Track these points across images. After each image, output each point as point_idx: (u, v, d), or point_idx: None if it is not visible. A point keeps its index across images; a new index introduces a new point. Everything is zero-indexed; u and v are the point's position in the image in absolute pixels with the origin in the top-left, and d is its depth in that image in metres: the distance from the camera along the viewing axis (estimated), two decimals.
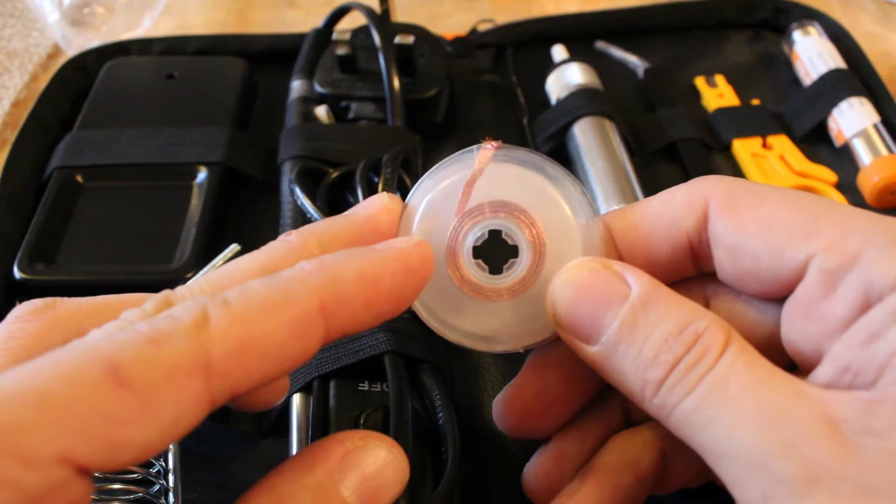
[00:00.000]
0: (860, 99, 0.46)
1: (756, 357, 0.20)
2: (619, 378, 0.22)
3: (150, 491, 0.29)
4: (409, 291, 0.22)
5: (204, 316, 0.18)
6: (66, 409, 0.16)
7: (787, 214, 0.21)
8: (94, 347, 0.17)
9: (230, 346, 0.18)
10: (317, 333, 0.19)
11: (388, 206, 0.25)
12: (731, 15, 0.57)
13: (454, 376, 0.35)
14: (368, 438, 0.21)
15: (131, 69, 0.52)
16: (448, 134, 0.48)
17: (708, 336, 0.20)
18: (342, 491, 0.20)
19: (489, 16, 0.58)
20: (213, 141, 0.45)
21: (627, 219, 0.25)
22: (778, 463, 0.18)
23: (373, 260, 0.21)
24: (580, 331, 0.22)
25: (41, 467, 0.16)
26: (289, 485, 0.20)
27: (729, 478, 0.19)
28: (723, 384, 0.19)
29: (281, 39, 0.55)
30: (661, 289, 0.22)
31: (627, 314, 0.21)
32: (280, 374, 0.19)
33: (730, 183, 0.23)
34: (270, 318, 0.19)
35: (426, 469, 0.32)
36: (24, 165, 0.45)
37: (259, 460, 0.33)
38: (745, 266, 0.23)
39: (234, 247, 0.38)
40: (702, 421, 0.19)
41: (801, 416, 0.18)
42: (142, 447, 0.17)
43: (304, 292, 0.19)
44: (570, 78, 0.49)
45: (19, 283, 0.38)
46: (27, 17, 0.64)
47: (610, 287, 0.22)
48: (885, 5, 0.61)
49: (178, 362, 0.17)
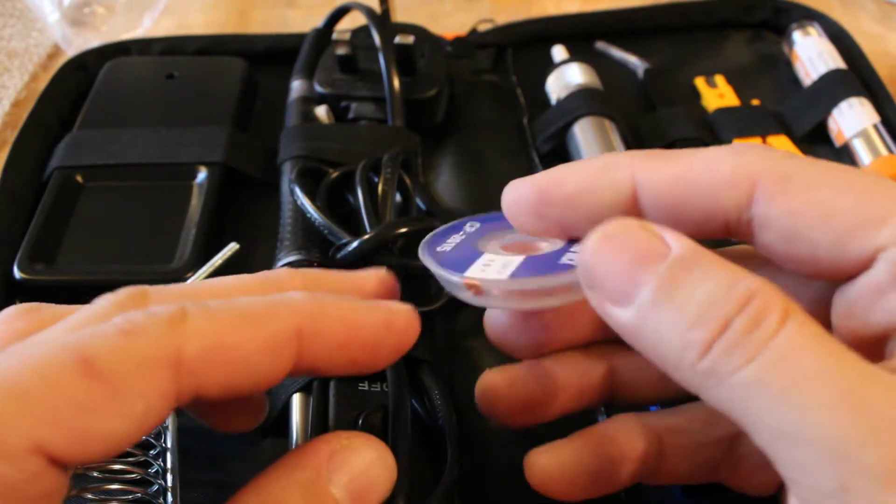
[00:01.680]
0: (860, 99, 0.46)
1: (824, 332, 0.18)
2: (654, 346, 0.19)
3: (149, 491, 0.29)
4: (387, 350, 0.22)
5: (182, 314, 0.18)
6: (37, 398, 0.16)
7: (850, 200, 0.19)
8: (65, 338, 0.17)
9: (201, 345, 0.18)
10: (287, 357, 0.20)
11: (382, 276, 0.25)
12: (731, 15, 0.57)
13: (454, 376, 0.35)
14: (354, 438, 0.21)
15: (131, 69, 0.52)
16: (448, 134, 0.48)
17: (763, 297, 0.18)
18: (331, 489, 0.20)
19: (489, 16, 0.58)
20: (213, 141, 0.45)
21: (660, 175, 0.22)
22: (864, 451, 0.16)
23: (359, 307, 0.21)
24: (613, 292, 0.20)
25: (14, 458, 0.16)
26: (278, 483, 0.20)
27: (795, 462, 0.17)
28: (793, 357, 0.17)
29: (281, 39, 0.55)
30: (704, 251, 0.20)
31: (666, 273, 0.19)
32: (244, 388, 0.19)
33: (780, 160, 0.20)
34: (246, 329, 0.19)
35: (426, 469, 0.32)
36: (24, 165, 0.45)
37: (259, 460, 0.32)
38: (799, 252, 0.20)
39: (232, 245, 0.38)
40: (767, 398, 0.17)
41: (887, 402, 0.17)
42: (112, 438, 0.17)
43: (286, 314, 0.20)
44: (570, 78, 0.49)
45: (19, 283, 0.38)
46: (27, 17, 0.64)
47: (648, 245, 0.19)
48: (885, 5, 0.61)
49: (149, 354, 0.18)
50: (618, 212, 0.22)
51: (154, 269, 0.39)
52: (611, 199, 0.22)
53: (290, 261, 0.37)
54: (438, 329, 0.37)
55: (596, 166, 0.23)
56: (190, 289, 0.22)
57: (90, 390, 0.17)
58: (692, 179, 0.21)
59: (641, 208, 0.22)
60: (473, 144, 0.48)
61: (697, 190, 0.21)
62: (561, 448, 0.26)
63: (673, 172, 0.21)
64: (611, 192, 0.22)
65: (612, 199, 0.22)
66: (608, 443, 0.25)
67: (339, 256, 0.37)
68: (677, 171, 0.21)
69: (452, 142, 0.48)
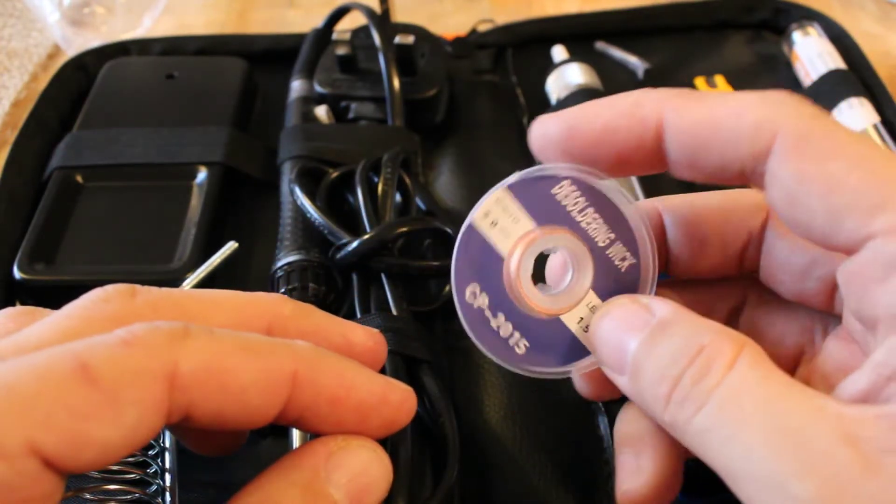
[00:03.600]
0: (860, 99, 0.46)
1: (771, 369, 0.19)
2: (642, 404, 0.22)
3: (147, 491, 0.29)
4: (378, 421, 0.22)
5: (184, 332, 0.19)
6: (32, 400, 0.16)
7: (857, 178, 0.19)
8: (66, 346, 0.18)
9: (198, 365, 0.19)
10: (278, 397, 0.20)
11: (373, 334, 0.25)
12: (731, 15, 0.57)
13: (454, 376, 0.35)
14: (351, 439, 0.22)
15: (131, 69, 0.52)
16: (448, 134, 0.48)
17: (712, 348, 0.20)
18: (330, 490, 0.20)
19: (489, 16, 0.58)
20: (213, 141, 0.45)
21: (687, 116, 0.22)
22: (795, 484, 0.17)
23: (358, 369, 0.22)
24: (613, 363, 0.22)
25: (11, 457, 0.16)
26: (277, 484, 0.20)
27: (747, 499, 0.18)
28: (735, 400, 0.19)
29: (281, 39, 0.55)
30: (683, 312, 0.21)
31: (646, 337, 0.21)
32: (232, 420, 0.20)
33: (805, 119, 0.20)
34: (245, 359, 0.19)
35: (426, 469, 0.32)
36: (24, 165, 0.45)
37: (258, 460, 0.33)
38: (797, 216, 0.20)
39: (231, 244, 0.38)
40: (717, 441, 0.19)
41: (819, 433, 0.17)
42: (104, 447, 0.17)
43: (285, 354, 0.20)
44: (570, 78, 0.49)
45: (19, 283, 0.38)
46: (27, 17, 0.64)
47: (636, 317, 0.22)
48: (885, 5, 0.61)
49: (146, 365, 0.18)
50: (643, 149, 0.22)
51: (154, 269, 0.39)
52: (637, 137, 0.22)
53: (290, 261, 0.37)
54: (438, 329, 0.37)
55: (627, 102, 0.23)
56: (178, 293, 0.22)
57: (86, 396, 0.17)
58: (717, 123, 0.21)
59: (665, 148, 0.22)
60: (473, 144, 0.48)
61: (720, 134, 0.21)
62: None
63: (700, 114, 0.21)
64: (638, 130, 0.22)
65: (638, 137, 0.22)
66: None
67: (339, 256, 0.37)
68: (704, 114, 0.21)
69: (452, 142, 0.48)
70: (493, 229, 0.24)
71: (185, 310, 0.22)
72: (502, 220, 0.24)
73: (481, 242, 0.24)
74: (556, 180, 0.24)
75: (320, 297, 0.37)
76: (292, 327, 0.23)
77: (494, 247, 0.24)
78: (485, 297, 0.24)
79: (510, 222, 0.24)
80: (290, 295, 0.36)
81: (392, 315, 0.35)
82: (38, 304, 0.25)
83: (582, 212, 0.24)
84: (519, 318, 0.24)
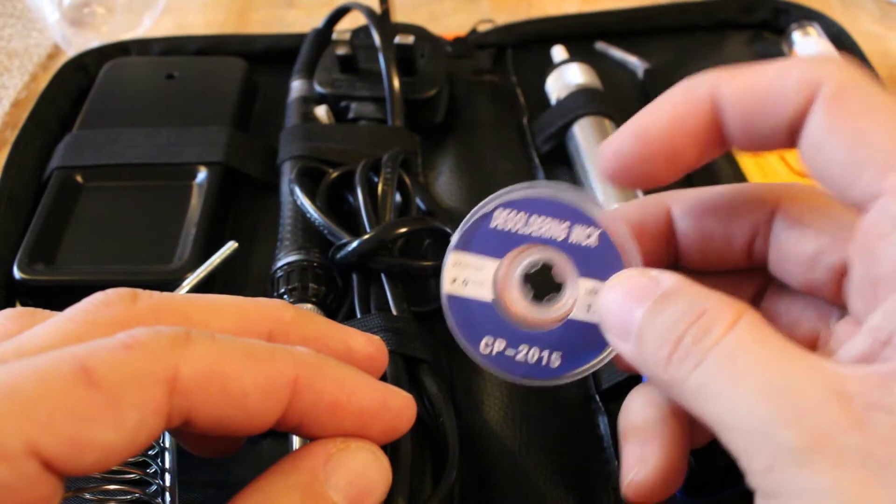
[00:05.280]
0: None
1: (769, 333, 0.20)
2: (644, 368, 0.22)
3: (147, 491, 0.29)
4: (378, 427, 0.22)
5: (186, 337, 0.19)
6: (34, 402, 0.16)
7: (881, 136, 0.20)
8: (68, 349, 0.18)
9: (199, 369, 0.19)
10: (279, 403, 0.20)
11: (374, 341, 0.25)
12: (731, 15, 0.57)
13: (454, 376, 0.35)
14: (349, 441, 0.22)
15: (131, 69, 0.52)
16: (448, 134, 0.48)
17: (713, 312, 0.20)
18: (329, 491, 0.20)
19: (489, 16, 0.58)
20: (213, 141, 0.45)
21: (737, 83, 0.23)
22: (782, 432, 0.17)
23: (358, 376, 0.22)
24: (618, 330, 0.23)
25: (11, 459, 0.16)
26: (276, 486, 0.20)
27: (736, 450, 0.19)
28: (731, 358, 0.19)
29: (281, 39, 0.55)
30: (688, 282, 0.22)
31: (651, 305, 0.22)
32: (232, 426, 0.20)
33: (847, 75, 0.21)
34: (246, 364, 0.20)
35: (426, 469, 0.32)
36: (24, 165, 0.45)
37: (258, 460, 0.33)
38: (820, 164, 0.21)
39: (231, 244, 0.38)
40: (711, 395, 0.19)
41: (809, 387, 0.18)
42: (104, 450, 0.17)
43: (286, 360, 0.20)
44: (570, 78, 0.49)
45: (19, 283, 0.38)
46: (27, 17, 0.64)
47: (644, 287, 0.22)
48: (885, 5, 0.61)
49: (147, 369, 0.18)
50: (707, 129, 0.23)
51: (154, 269, 0.39)
52: (701, 117, 0.23)
53: (290, 261, 0.37)
54: (438, 329, 0.37)
55: (680, 91, 0.23)
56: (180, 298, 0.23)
57: (87, 399, 0.17)
58: (767, 83, 0.22)
59: (723, 120, 0.23)
60: (473, 144, 0.48)
61: (769, 96, 0.22)
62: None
63: (751, 79, 0.23)
64: (700, 110, 0.23)
65: (701, 116, 0.23)
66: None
67: (339, 256, 0.37)
68: (754, 78, 0.23)
69: (452, 142, 0.48)
70: (467, 287, 0.25)
71: (187, 315, 0.22)
72: (469, 275, 0.25)
73: (464, 303, 0.25)
74: (488, 216, 0.25)
75: (320, 297, 0.37)
76: (293, 333, 0.23)
77: (478, 299, 0.25)
78: (500, 342, 0.25)
79: (476, 273, 0.25)
80: (290, 295, 0.36)
81: (392, 315, 0.35)
82: (38, 304, 0.25)
83: (528, 224, 0.25)
84: (539, 338, 0.25)
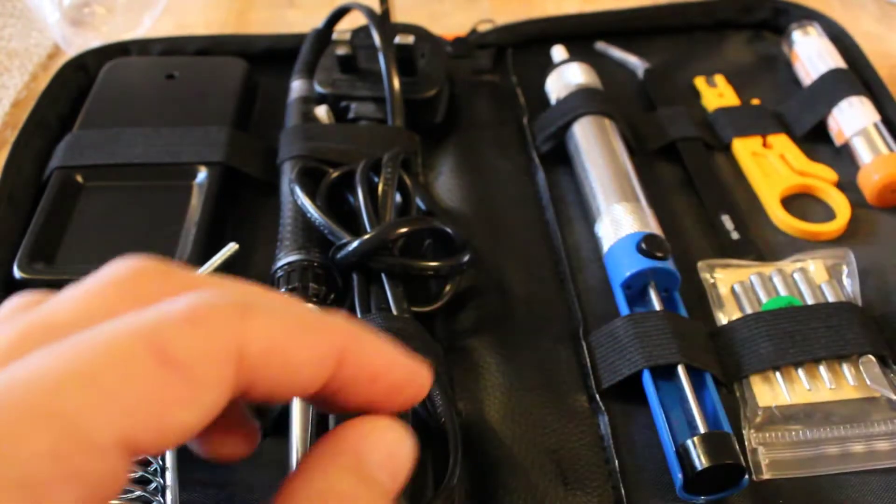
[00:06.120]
0: (860, 98, 0.46)
1: None
2: None
3: (148, 488, 0.29)
4: (403, 398, 0.22)
5: (246, 308, 0.18)
6: (119, 390, 0.16)
7: None
8: (133, 325, 0.17)
9: (263, 344, 0.18)
10: (326, 372, 0.20)
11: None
12: (731, 15, 0.57)
13: (454, 376, 0.35)
14: (376, 420, 0.21)
15: (131, 69, 0.52)
16: (448, 134, 0.48)
17: None
18: (374, 471, 0.20)
19: (489, 16, 0.58)
20: (213, 141, 0.45)
21: None
22: None
23: (395, 349, 0.22)
24: None
25: (104, 452, 0.15)
26: (327, 472, 0.20)
27: None
28: None
29: (281, 39, 0.55)
30: None
31: None
32: (279, 393, 0.19)
33: None
34: (302, 336, 0.19)
35: (427, 469, 0.32)
36: (24, 165, 0.45)
37: (258, 460, 0.33)
38: None
39: (231, 245, 0.38)
40: None
41: None
42: (184, 431, 0.17)
43: (336, 330, 0.20)
44: (570, 78, 0.49)
45: (19, 283, 0.38)
46: (27, 17, 0.64)
47: None
48: (885, 5, 0.61)
49: (220, 346, 0.17)
50: None
51: None
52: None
53: (291, 260, 0.37)
54: (438, 329, 0.37)
55: None
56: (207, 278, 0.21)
57: (168, 382, 0.16)
58: None
59: None
60: (473, 144, 0.48)
61: None
62: None
63: None
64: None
65: None
66: None
67: (340, 256, 0.37)
68: None
69: (452, 142, 0.48)
70: None
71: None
72: None
73: None
74: None
75: (321, 296, 0.37)
76: None
77: None
78: None
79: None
80: (290, 294, 0.36)
81: (392, 315, 0.35)
82: None
83: None
84: None
